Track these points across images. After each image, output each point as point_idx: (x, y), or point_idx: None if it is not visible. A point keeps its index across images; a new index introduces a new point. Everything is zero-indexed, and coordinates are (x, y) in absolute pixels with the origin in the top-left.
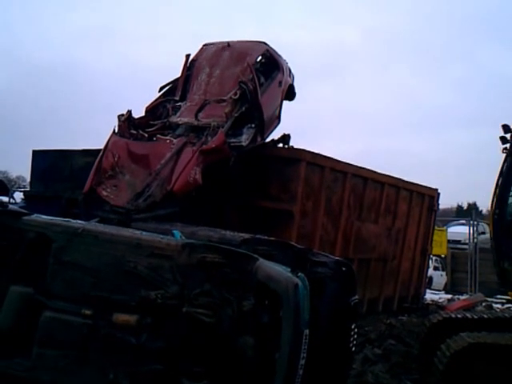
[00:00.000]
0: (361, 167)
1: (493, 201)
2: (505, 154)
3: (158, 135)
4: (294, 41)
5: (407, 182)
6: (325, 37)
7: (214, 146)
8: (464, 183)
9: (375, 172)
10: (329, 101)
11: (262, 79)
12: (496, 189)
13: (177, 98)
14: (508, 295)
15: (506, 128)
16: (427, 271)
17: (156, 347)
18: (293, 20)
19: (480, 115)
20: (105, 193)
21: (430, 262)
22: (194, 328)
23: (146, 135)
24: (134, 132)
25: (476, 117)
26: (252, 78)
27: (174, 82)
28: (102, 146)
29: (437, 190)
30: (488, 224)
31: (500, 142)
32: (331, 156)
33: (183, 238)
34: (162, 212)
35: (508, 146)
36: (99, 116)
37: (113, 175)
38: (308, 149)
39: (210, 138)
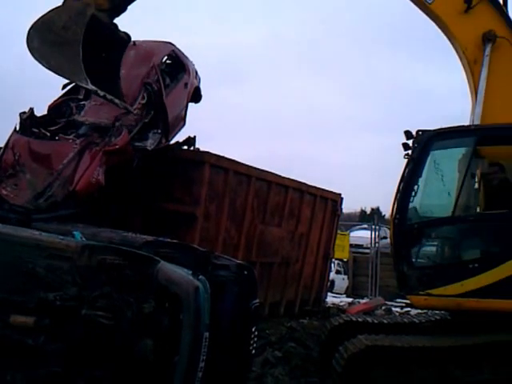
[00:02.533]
0: (265, 171)
1: (393, 206)
2: (406, 160)
3: (61, 134)
4: (192, 44)
5: (311, 186)
6: (225, 41)
7: (117, 146)
8: (368, 188)
9: (279, 176)
10: (231, 104)
11: (168, 80)
12: (397, 194)
13: (81, 97)
14: (407, 299)
15: (408, 134)
16: (329, 275)
17: (54, 349)
18: (192, 24)
19: (382, 121)
20: (4, 191)
21: (333, 265)
22: (93, 330)
23: (49, 134)
24: (36, 130)
25: (379, 123)
26: (157, 79)
27: None
28: (2, 144)
29: (340, 194)
30: (389, 229)
31: (402, 148)
32: (235, 159)
33: (84, 239)
34: (63, 212)
35: (410, 152)
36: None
37: (13, 174)
38: (213, 151)
39: (113, 139)
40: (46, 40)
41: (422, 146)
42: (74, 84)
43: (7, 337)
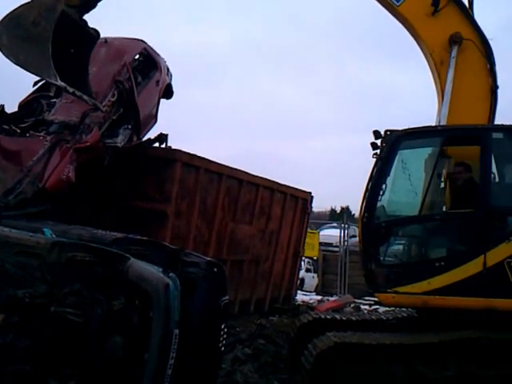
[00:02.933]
0: (236, 169)
1: (362, 205)
2: (375, 160)
3: (31, 131)
4: (164, 43)
5: (281, 184)
6: (196, 40)
7: (88, 143)
8: (338, 187)
9: (250, 174)
10: (203, 103)
11: (140, 78)
12: (365, 193)
13: (51, 94)
14: (375, 297)
15: (376, 134)
16: (299, 273)
17: (23, 347)
18: (164, 22)
19: (351, 122)
20: None
21: (302, 263)
22: (62, 328)
23: (19, 131)
24: (7, 127)
25: (348, 123)
26: (129, 77)
27: None
28: None
29: (310, 193)
30: (358, 227)
31: (371, 148)
32: (207, 157)
33: (54, 236)
34: (32, 209)
35: (378, 151)
36: None
37: None
38: (184, 150)
39: (84, 136)
40: (14, 36)
41: (389, 145)
42: (45, 81)
43: None
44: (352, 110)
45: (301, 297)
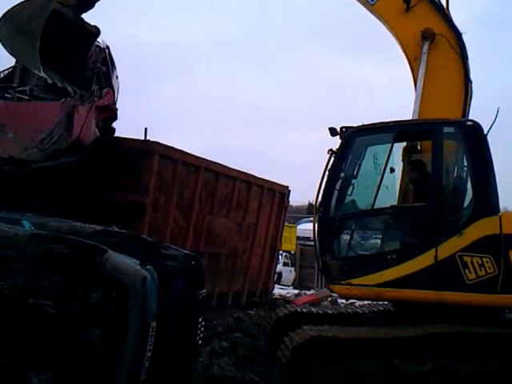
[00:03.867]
0: (213, 162)
1: (316, 198)
2: (329, 155)
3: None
4: (138, 39)
5: (259, 178)
6: (169, 35)
7: (106, 103)
8: (316, 182)
9: (227, 167)
10: (173, 98)
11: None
12: (319, 187)
13: (15, 85)
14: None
15: (332, 131)
16: (276, 267)
17: (2, 339)
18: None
19: (327, 116)
20: None
21: (280, 257)
22: (40, 319)
23: (27, 97)
24: (9, 95)
25: (324, 117)
26: (104, 57)
27: (11, 69)
28: None
29: (287, 187)
30: None
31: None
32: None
33: (32, 228)
34: (66, 159)
35: (335, 148)
36: None
37: None
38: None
39: (96, 99)
40: (13, 29)
41: (344, 141)
42: (7, 72)
43: None
44: (328, 106)
45: (278, 290)
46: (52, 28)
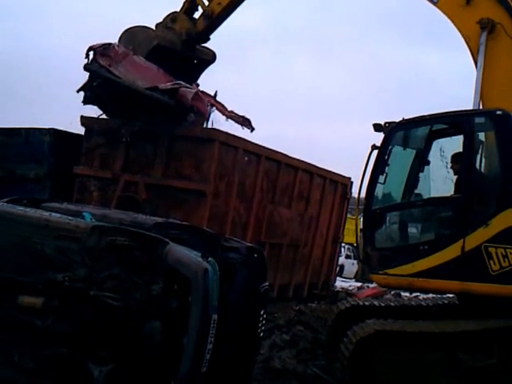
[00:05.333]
0: (274, 150)
1: (359, 192)
2: (370, 149)
3: None
4: None
5: (320, 168)
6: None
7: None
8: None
9: (289, 156)
10: (233, 86)
11: None
12: (362, 180)
13: None
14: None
15: (376, 126)
16: (338, 259)
17: (62, 330)
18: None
19: (388, 105)
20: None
21: (342, 250)
22: (101, 311)
23: None
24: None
25: (385, 107)
26: None
27: None
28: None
29: (350, 178)
30: None
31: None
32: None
33: (93, 220)
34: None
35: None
36: None
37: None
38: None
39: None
40: (129, 43)
41: (385, 136)
42: None
43: (15, 317)
44: (389, 94)
45: (340, 283)
46: (160, 55)
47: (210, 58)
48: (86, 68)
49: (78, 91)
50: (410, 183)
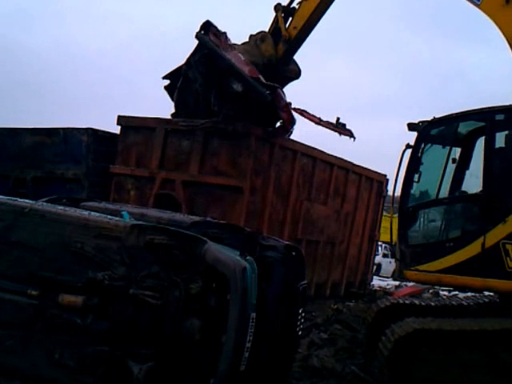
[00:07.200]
0: (310, 146)
1: (394, 190)
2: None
3: None
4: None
5: (356, 165)
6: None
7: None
8: None
9: (324, 153)
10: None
11: None
12: (396, 179)
13: None
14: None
15: (410, 126)
16: (375, 257)
17: (102, 328)
18: None
19: (427, 101)
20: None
21: (380, 248)
22: (140, 310)
23: None
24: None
25: (415, 105)
26: None
27: None
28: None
29: (385, 175)
30: None
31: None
32: None
33: (132, 219)
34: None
35: (412, 143)
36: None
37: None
38: None
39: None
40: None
41: (418, 135)
42: None
43: (56, 316)
44: (423, 91)
45: (377, 282)
46: None
47: (294, 75)
48: (197, 36)
49: (163, 78)
50: (442, 181)
